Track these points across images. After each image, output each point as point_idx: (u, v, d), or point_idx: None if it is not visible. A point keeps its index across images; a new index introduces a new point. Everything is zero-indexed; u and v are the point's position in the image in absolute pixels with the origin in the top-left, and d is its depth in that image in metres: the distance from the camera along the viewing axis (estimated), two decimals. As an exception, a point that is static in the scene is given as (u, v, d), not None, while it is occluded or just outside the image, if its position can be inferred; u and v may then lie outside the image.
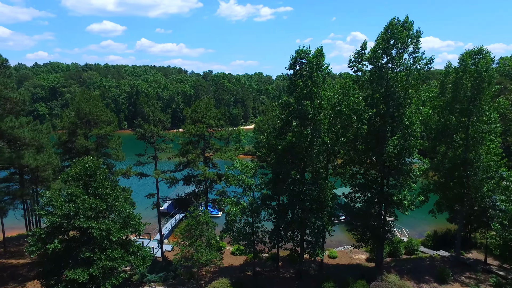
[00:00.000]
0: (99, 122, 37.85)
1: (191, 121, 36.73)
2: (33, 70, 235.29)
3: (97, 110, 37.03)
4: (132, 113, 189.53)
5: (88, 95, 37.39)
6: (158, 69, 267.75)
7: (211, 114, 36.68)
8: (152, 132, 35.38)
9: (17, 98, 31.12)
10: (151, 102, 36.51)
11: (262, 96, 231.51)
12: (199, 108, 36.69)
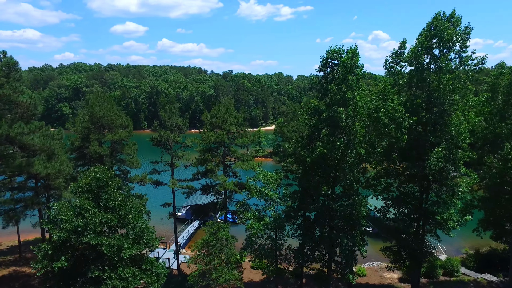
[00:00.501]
0: (114, 127, 35.76)
1: (210, 126, 34.08)
2: (58, 71, 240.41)
3: (112, 114, 34.93)
4: (152, 113, 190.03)
5: (102, 98, 35.36)
6: (178, 69, 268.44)
7: (231, 120, 33.91)
8: (169, 139, 32.97)
9: (28, 102, 29.32)
10: (168, 106, 34.11)
11: (282, 96, 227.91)
12: (219, 113, 33.98)
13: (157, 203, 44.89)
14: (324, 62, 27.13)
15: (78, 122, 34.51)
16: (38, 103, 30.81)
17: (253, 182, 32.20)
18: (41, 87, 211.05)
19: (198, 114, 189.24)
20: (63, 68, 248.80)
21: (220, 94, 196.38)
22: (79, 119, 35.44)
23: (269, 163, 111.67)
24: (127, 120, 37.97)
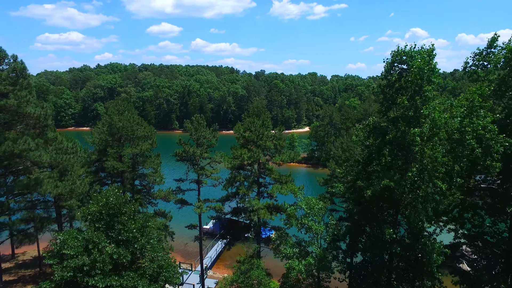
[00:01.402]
0: (135, 138, 31.65)
1: (243, 141, 29.06)
2: (95, 71, 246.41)
3: (132, 124, 30.85)
4: (183, 113, 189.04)
5: (122, 107, 31.38)
6: (211, 69, 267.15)
7: (268, 134, 28.70)
8: (195, 155, 28.30)
9: (37, 113, 25.64)
10: (195, 116, 29.50)
11: (316, 97, 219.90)
12: (254, 126, 28.90)
13: (182, 221, 40.81)
14: (388, 66, 21.25)
15: (95, 134, 30.69)
16: (50, 113, 27.23)
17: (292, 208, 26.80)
18: (79, 87, 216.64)
19: (229, 115, 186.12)
20: (100, 69, 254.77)
21: (252, 95, 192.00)
22: (96, 129, 31.65)
23: (303, 169, 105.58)
24: (150, 130, 33.80)
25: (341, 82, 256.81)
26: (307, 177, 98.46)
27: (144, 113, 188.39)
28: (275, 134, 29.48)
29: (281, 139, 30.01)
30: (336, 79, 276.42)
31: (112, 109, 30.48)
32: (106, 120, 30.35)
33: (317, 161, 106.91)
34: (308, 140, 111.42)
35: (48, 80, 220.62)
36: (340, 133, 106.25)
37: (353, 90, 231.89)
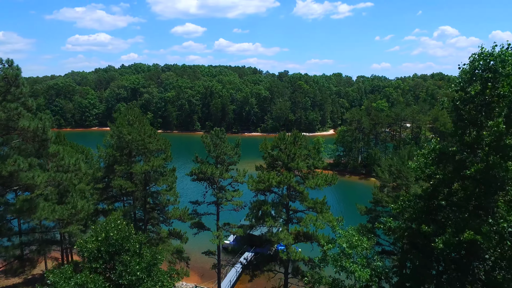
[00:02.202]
0: (146, 153, 27.68)
1: (271, 160, 24.49)
2: (119, 71, 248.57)
3: (143, 137, 26.88)
4: (205, 114, 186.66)
5: (132, 116, 27.48)
6: (233, 69, 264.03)
7: (301, 153, 23.99)
8: (214, 175, 23.98)
9: (34, 126, 22.01)
10: (215, 130, 25.23)
11: (342, 99, 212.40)
12: (283, 143, 24.28)
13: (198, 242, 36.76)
14: (468, 75, 16.04)
15: (101, 148, 26.93)
16: (49, 124, 23.56)
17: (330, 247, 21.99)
18: (103, 87, 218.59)
19: (252, 116, 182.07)
20: (124, 69, 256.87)
21: (275, 96, 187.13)
22: (105, 142, 27.91)
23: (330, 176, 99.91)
24: (164, 143, 29.76)
25: (367, 83, 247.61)
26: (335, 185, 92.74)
27: (166, 114, 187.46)
28: (310, 150, 24.75)
29: (316, 158, 25.21)
30: (362, 80, 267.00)
31: (121, 120, 26.64)
32: (114, 132, 26.52)
33: (344, 168, 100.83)
34: (334, 145, 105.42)
35: (74, 80, 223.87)
36: (369, 139, 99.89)
37: (380, 91, 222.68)
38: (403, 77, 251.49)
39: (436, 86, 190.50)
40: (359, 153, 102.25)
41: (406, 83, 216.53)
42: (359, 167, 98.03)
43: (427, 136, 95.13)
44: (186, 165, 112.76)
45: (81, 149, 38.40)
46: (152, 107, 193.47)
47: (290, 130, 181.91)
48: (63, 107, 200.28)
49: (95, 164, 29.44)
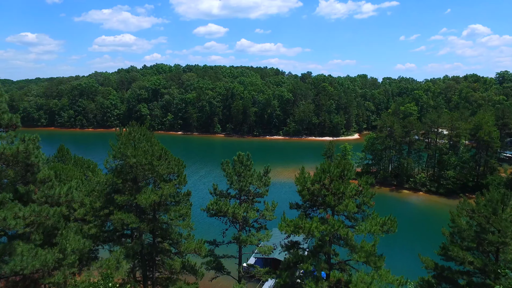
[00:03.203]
0: (156, 178, 22.75)
1: (309, 197, 18.98)
2: (141, 72, 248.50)
3: (152, 160, 21.95)
4: (226, 116, 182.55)
5: (138, 134, 22.62)
6: (255, 70, 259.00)
7: (351, 191, 18.36)
8: (236, 215, 18.74)
9: (11, 151, 17.51)
10: (239, 155, 20.02)
11: (367, 102, 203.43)
12: (326, 174, 18.70)
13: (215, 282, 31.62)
14: None
15: (100, 174, 22.18)
16: (34, 147, 19.02)
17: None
18: (125, 88, 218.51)
19: (274, 119, 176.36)
20: (146, 70, 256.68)
21: (298, 98, 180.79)
22: (105, 164, 23.16)
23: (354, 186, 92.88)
24: (177, 164, 24.80)
25: (394, 85, 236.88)
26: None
27: (186, 116, 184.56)
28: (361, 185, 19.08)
29: (368, 195, 19.47)
30: (388, 81, 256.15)
31: (124, 140, 21.85)
32: (116, 154, 21.74)
33: (373, 178, 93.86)
34: (363, 153, 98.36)
35: (97, 81, 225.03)
36: (401, 147, 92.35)
37: (408, 94, 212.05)
38: (433, 79, 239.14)
39: (471, 89, 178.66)
40: (389, 162, 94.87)
41: (437, 85, 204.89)
42: (389, 178, 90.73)
43: (467, 145, 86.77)
44: (203, 169, 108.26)
45: (86, 164, 34.04)
46: (172, 108, 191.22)
47: (313, 134, 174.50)
48: (85, 108, 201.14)
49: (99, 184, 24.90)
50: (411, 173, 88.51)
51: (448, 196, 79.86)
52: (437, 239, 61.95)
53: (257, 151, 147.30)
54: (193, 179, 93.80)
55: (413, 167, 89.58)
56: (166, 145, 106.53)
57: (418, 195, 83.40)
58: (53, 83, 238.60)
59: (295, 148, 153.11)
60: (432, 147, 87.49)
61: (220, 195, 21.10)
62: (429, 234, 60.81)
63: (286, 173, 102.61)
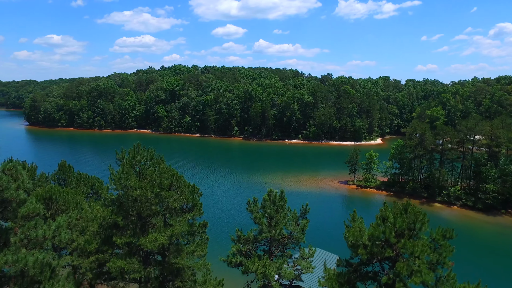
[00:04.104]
0: (165, 211, 18.39)
1: (368, 256, 14.13)
2: (159, 73, 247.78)
3: (159, 191, 17.60)
4: (244, 119, 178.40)
5: (144, 158, 18.33)
6: (274, 71, 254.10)
7: (425, 249, 13.39)
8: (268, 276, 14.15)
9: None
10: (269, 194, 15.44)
11: (390, 105, 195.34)
12: (387, 225, 13.82)
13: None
14: None
15: (97, 207, 18.01)
16: (9, 180, 14.99)
17: None
18: (143, 89, 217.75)
19: (293, 122, 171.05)
20: (164, 71, 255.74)
21: (318, 101, 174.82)
22: (105, 194, 18.99)
23: (381, 198, 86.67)
24: (191, 192, 20.40)
25: (418, 87, 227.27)
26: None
27: (203, 118, 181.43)
28: (436, 238, 14.12)
29: (447, 249, 14.40)
30: (412, 84, 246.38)
31: (127, 167, 17.62)
32: (116, 185, 17.53)
33: (401, 188, 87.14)
34: (389, 162, 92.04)
35: (115, 82, 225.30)
36: (432, 156, 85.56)
37: (434, 97, 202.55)
38: (461, 81, 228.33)
39: (505, 92, 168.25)
40: (419, 173, 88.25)
41: (466, 88, 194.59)
42: (419, 189, 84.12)
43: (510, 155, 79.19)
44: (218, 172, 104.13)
45: (91, 183, 30.12)
46: (190, 110, 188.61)
47: (334, 138, 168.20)
48: (104, 109, 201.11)
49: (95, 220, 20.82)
50: (443, 185, 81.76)
51: (487, 212, 72.92)
52: (477, 261, 55.77)
53: (276, 155, 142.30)
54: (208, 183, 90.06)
55: (446, 178, 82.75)
56: (183, 147, 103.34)
57: (452, 209, 76.67)
58: (74, 84, 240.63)
59: (315, 153, 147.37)
60: (468, 157, 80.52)
61: (245, 242, 16.58)
62: (466, 255, 54.75)
63: (307, 182, 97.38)
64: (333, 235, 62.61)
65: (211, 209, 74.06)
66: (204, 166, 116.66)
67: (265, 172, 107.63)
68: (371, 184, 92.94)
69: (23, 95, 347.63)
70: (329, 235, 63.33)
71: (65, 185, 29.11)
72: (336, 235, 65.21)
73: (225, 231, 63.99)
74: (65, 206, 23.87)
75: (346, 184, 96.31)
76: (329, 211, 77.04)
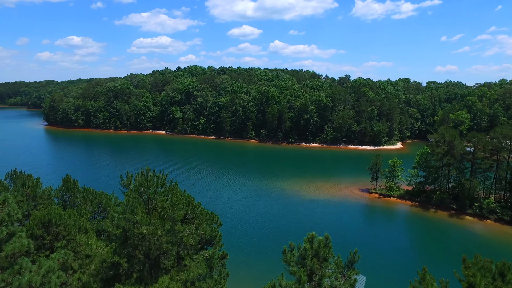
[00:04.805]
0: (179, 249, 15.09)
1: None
2: (175, 74, 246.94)
3: (172, 225, 14.29)
4: (260, 121, 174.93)
5: (154, 186, 15.04)
6: (290, 73, 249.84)
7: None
8: None
9: None
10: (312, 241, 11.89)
11: (411, 108, 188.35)
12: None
13: None
14: None
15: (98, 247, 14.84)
16: None
17: None
18: (159, 90, 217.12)
19: (310, 125, 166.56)
20: (180, 72, 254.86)
21: (337, 104, 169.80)
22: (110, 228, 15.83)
23: (406, 208, 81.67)
24: (209, 222, 17.09)
25: (441, 90, 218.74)
26: (415, 222, 74.72)
27: (219, 120, 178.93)
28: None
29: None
30: (434, 86, 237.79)
31: (132, 199, 14.41)
32: (119, 221, 14.34)
33: (427, 199, 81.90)
34: (415, 170, 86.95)
35: (132, 82, 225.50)
36: (463, 165, 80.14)
37: (458, 100, 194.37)
38: (487, 83, 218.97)
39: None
40: (447, 182, 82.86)
41: (493, 90, 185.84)
42: (447, 200, 78.77)
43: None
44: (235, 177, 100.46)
45: (98, 199, 27.17)
46: (205, 111, 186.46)
47: (353, 142, 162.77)
48: (119, 109, 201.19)
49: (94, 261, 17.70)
50: (474, 196, 76.27)
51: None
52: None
53: (293, 159, 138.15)
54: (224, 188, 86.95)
55: (478, 189, 77.20)
56: (198, 150, 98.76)
57: (485, 223, 71.20)
58: (91, 84, 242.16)
59: (333, 157, 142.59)
60: (503, 167, 74.83)
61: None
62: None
63: (326, 189, 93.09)
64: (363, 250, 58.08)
65: (228, 218, 70.99)
66: (220, 171, 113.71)
67: (283, 177, 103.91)
68: (394, 193, 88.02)
69: (43, 95, 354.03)
70: (352, 250, 59.40)
71: (69, 202, 26.36)
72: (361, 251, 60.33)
73: (243, 242, 60.84)
74: (66, 231, 20.96)
75: (367, 193, 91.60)
76: (351, 222, 72.79)
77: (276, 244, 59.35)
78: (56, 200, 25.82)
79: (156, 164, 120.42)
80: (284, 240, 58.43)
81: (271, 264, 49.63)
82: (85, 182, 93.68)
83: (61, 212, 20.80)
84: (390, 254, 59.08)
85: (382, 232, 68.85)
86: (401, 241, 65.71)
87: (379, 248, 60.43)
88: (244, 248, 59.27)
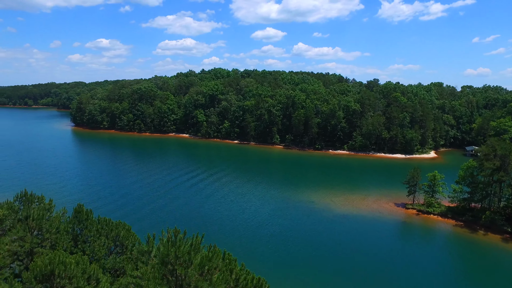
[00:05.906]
0: None
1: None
2: (199, 76, 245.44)
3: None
4: (285, 126, 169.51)
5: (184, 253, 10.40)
6: (317, 76, 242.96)
7: None
8: None
9: None
10: None
11: (446, 114, 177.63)
12: None
13: None
14: None
15: None
16: None
17: None
18: (183, 92, 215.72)
19: (338, 132, 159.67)
20: (204, 74, 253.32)
21: (366, 109, 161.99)
22: None
23: (449, 228, 73.60)
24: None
25: (479, 95, 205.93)
26: (460, 245, 66.82)
27: (243, 124, 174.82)
28: None
29: None
30: (471, 91, 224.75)
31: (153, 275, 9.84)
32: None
33: (474, 218, 73.72)
34: (459, 186, 79.14)
35: (156, 85, 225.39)
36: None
37: (499, 106, 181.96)
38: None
39: None
40: (499, 200, 74.68)
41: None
42: (500, 221, 70.51)
43: None
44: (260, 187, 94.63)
45: (115, 232, 22.89)
46: (229, 115, 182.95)
47: (383, 150, 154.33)
48: (144, 112, 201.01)
49: None
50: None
51: None
52: None
53: (320, 167, 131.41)
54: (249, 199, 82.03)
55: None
56: (221, 155, 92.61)
57: (545, 250, 62.91)
58: (117, 86, 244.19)
59: (362, 166, 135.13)
60: None
61: None
62: None
63: (358, 202, 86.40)
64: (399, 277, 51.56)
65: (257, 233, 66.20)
66: (245, 179, 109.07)
67: (311, 188, 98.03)
68: (434, 210, 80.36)
69: (72, 96, 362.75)
70: (392, 274, 53.09)
71: (81, 235, 22.34)
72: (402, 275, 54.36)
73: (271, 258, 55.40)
74: (73, 285, 16.65)
75: (404, 208, 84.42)
76: (387, 242, 66.19)
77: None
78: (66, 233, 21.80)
79: (178, 169, 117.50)
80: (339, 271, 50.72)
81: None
82: (108, 190, 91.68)
83: (67, 260, 16.53)
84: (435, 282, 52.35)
85: (421, 256, 61.82)
86: (444, 266, 58.63)
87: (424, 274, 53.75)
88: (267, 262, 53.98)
